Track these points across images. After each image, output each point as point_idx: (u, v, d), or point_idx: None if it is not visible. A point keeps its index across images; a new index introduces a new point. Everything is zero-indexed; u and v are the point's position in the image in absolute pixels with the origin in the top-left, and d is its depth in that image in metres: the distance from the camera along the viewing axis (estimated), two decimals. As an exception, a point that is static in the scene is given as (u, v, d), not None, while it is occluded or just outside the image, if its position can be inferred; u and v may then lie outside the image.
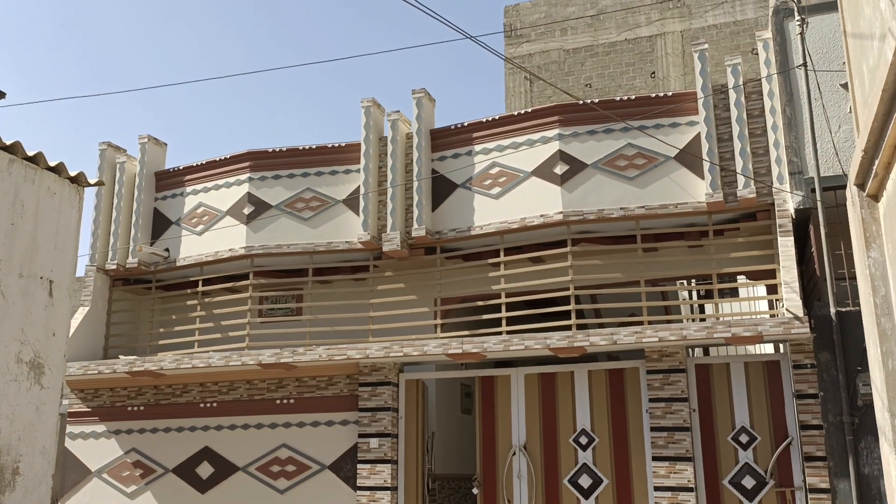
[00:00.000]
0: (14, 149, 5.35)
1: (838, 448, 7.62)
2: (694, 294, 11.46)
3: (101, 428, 10.46)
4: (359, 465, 9.17)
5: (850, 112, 8.09)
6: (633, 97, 9.04)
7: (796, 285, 7.85)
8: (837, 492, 7.55)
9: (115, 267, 10.50)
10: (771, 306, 9.54)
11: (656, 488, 8.15)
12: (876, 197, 4.29)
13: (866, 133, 3.94)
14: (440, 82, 34.81)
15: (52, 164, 5.63)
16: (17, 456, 5.05)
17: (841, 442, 7.61)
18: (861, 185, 4.35)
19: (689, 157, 8.65)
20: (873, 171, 4.10)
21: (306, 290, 10.05)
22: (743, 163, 8.33)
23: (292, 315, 10.31)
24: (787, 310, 7.78)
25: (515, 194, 9.19)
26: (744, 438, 8.16)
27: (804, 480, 7.78)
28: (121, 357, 10.10)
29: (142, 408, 10.38)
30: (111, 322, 10.71)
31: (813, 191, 8.04)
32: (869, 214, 4.29)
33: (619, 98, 9.12)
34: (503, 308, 9.06)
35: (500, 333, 8.89)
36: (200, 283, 10.36)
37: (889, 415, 4.11)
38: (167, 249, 10.55)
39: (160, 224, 10.73)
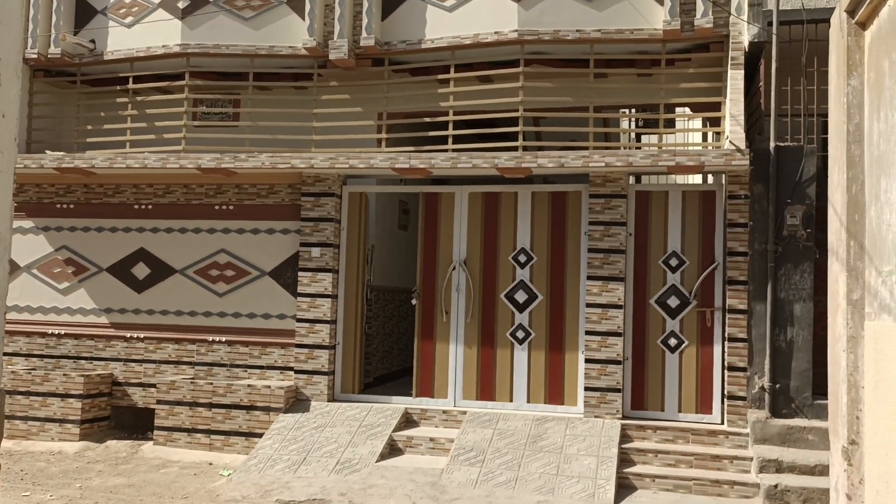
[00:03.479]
0: None
1: (759, 274, 8.15)
2: (632, 123, 11.63)
3: (28, 224, 10.11)
4: (300, 273, 9.26)
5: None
6: (601, -88, 8.68)
7: (742, 118, 8.07)
8: (753, 313, 8.15)
9: (35, 56, 9.77)
10: (705, 139, 9.81)
11: (588, 305, 8.59)
12: (864, 25, 4.36)
13: (872, -43, 3.94)
14: None
15: (-10, -75, 5.05)
16: (-29, 239, 4.85)
17: (763, 268, 8.13)
18: (851, 13, 4.40)
19: (650, -18, 8.48)
20: (869, -2, 4.14)
21: (245, 95, 9.69)
22: (704, -9, 8.25)
23: (229, 121, 9.98)
24: (730, 142, 8.03)
25: (470, 8, 8.90)
26: (673, 262, 8.62)
27: (724, 301, 8.35)
28: (47, 152, 9.63)
29: (72, 206, 10.05)
30: (32, 115, 10.11)
31: (770, 24, 8.10)
32: (854, 42, 4.37)
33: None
34: (450, 126, 9.00)
35: (446, 151, 8.88)
36: (131, 80, 9.81)
37: (846, 235, 4.39)
38: (93, 41, 9.86)
39: (84, 12, 9.94)
